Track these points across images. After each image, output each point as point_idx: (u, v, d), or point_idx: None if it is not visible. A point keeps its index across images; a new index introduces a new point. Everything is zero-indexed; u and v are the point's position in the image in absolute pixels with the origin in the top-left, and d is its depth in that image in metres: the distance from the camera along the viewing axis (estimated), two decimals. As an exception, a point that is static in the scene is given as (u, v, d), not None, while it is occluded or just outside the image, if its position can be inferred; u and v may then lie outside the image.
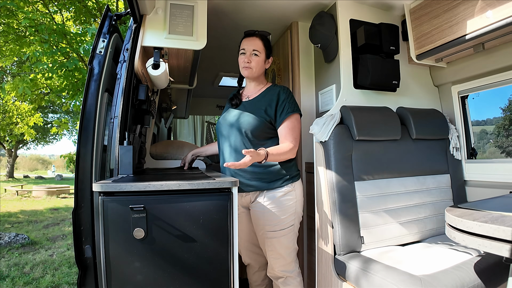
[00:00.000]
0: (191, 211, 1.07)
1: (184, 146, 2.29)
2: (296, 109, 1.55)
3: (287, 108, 1.52)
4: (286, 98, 1.54)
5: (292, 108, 1.53)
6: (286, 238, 1.54)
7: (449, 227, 1.01)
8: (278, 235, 1.52)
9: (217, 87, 3.60)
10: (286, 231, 1.53)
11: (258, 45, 1.58)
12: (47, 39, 3.92)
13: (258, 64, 1.58)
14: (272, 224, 1.52)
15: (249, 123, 1.53)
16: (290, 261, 1.58)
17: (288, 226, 1.53)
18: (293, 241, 1.58)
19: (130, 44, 1.49)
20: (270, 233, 1.53)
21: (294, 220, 1.56)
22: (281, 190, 1.53)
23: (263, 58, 1.60)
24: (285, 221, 1.53)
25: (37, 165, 28.71)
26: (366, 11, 1.83)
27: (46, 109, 13.28)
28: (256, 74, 1.61)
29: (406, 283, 1.12)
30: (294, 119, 1.53)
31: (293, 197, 1.54)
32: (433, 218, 1.68)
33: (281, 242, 1.53)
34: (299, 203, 1.58)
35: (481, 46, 1.54)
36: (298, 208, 1.57)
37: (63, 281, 2.88)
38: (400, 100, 1.89)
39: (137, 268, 1.03)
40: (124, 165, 1.37)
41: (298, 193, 1.57)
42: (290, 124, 1.52)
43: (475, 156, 1.89)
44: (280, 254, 1.55)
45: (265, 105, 1.55)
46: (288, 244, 1.55)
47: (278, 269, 1.58)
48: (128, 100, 1.45)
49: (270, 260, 1.59)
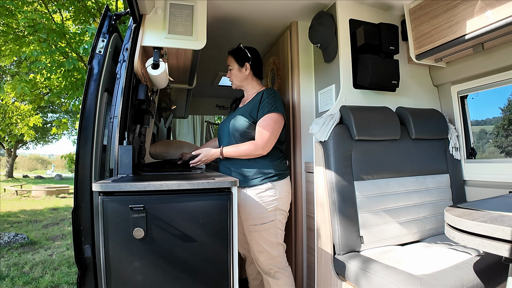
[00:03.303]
0: (191, 211, 1.07)
1: (184, 146, 2.28)
2: (272, 109, 1.62)
3: (264, 108, 1.63)
4: (266, 99, 1.65)
5: (269, 108, 1.62)
6: (268, 233, 1.62)
7: (448, 227, 1.01)
8: (259, 229, 1.61)
9: (217, 87, 3.61)
10: (267, 225, 1.61)
11: (229, 60, 1.81)
12: (45, 38, 3.91)
13: (234, 77, 1.81)
14: (252, 218, 1.61)
15: (234, 126, 1.69)
16: (276, 256, 1.65)
17: (268, 221, 1.61)
18: (276, 236, 1.65)
19: (129, 43, 1.49)
20: (252, 227, 1.63)
21: (276, 216, 1.63)
22: (261, 187, 1.62)
23: (236, 69, 1.79)
24: (265, 216, 1.61)
25: (37, 165, 28.69)
26: (365, 11, 1.83)
27: (46, 109, 13.26)
28: (238, 84, 1.83)
29: (405, 282, 1.12)
30: (268, 118, 1.61)
31: (272, 194, 1.62)
32: (432, 218, 1.68)
33: (262, 236, 1.62)
34: (281, 200, 1.65)
35: (481, 46, 1.54)
36: (280, 205, 1.64)
37: (63, 281, 2.87)
38: (400, 100, 1.90)
39: (137, 267, 1.03)
40: (123, 165, 1.37)
41: (280, 191, 1.64)
42: (263, 123, 1.62)
43: (475, 156, 1.89)
44: (264, 248, 1.63)
45: (251, 108, 1.68)
46: (270, 239, 1.63)
47: (264, 263, 1.65)
48: (128, 100, 1.45)
49: (255, 254, 1.67)
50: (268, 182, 1.62)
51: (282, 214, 1.67)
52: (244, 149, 1.62)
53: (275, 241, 1.65)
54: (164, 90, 2.59)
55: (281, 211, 1.66)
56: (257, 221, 1.61)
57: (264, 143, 1.60)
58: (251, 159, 1.64)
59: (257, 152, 1.61)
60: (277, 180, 1.64)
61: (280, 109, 1.64)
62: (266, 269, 1.66)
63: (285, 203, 1.68)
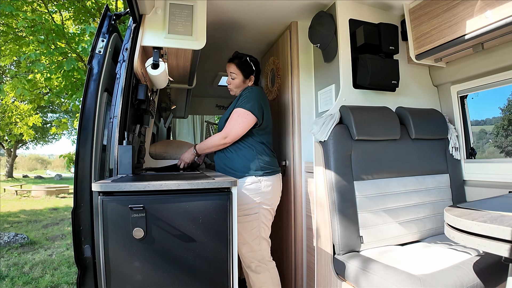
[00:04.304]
0: (191, 211, 1.07)
1: (184, 146, 2.28)
2: (241, 104, 1.68)
3: (237, 104, 1.71)
4: (241, 97, 1.73)
5: (240, 104, 1.69)
6: (250, 225, 1.66)
7: (448, 226, 1.01)
8: (242, 220, 1.65)
9: (216, 86, 3.60)
10: (250, 217, 1.66)
11: (233, 69, 1.84)
12: (43, 39, 3.91)
13: (236, 86, 1.86)
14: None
15: (222, 122, 1.79)
16: (258, 250, 1.68)
17: (251, 213, 1.66)
18: (258, 229, 1.68)
19: (129, 43, 1.49)
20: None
21: (259, 209, 1.68)
22: (246, 180, 1.67)
23: (240, 80, 1.85)
24: (248, 207, 1.65)
25: (36, 164, 28.67)
26: (365, 11, 1.83)
27: (45, 108, 13.26)
28: (237, 92, 1.88)
29: (405, 282, 1.12)
30: (234, 113, 1.69)
31: (256, 187, 1.66)
32: (432, 217, 1.68)
33: (245, 227, 1.66)
34: (265, 195, 1.68)
35: (480, 46, 1.54)
36: (264, 200, 1.68)
37: (63, 281, 2.87)
38: (400, 100, 1.90)
39: (137, 267, 1.03)
40: (123, 164, 1.37)
41: (264, 186, 1.68)
42: (230, 117, 1.70)
43: (474, 156, 1.89)
44: (246, 240, 1.67)
45: (233, 106, 1.75)
46: (252, 231, 1.67)
47: (245, 255, 1.68)
48: (128, 100, 1.45)
49: (238, 246, 1.67)
50: (253, 176, 1.67)
51: (266, 209, 1.70)
52: (211, 140, 1.73)
53: (257, 234, 1.68)
54: (164, 90, 2.59)
55: (266, 206, 1.69)
56: (240, 212, 1.64)
57: (225, 133, 1.67)
58: (237, 153, 1.71)
59: (221, 142, 1.69)
60: (263, 176, 1.68)
61: (247, 106, 1.67)
62: (247, 262, 1.69)
63: (270, 199, 1.71)
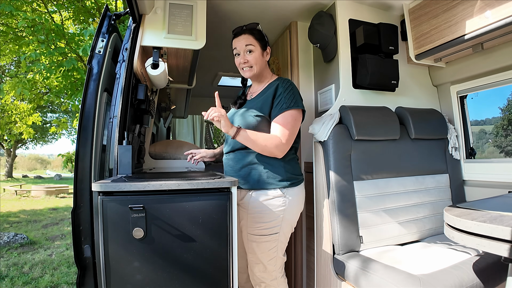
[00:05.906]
0: (191, 211, 1.07)
1: (183, 146, 2.28)
2: (292, 104, 1.39)
3: (282, 104, 1.40)
4: (283, 93, 1.41)
5: (288, 103, 1.39)
6: (268, 245, 1.42)
7: (448, 226, 1.01)
8: (259, 240, 1.42)
9: (216, 86, 3.60)
10: (269, 238, 1.41)
11: (250, 39, 1.46)
12: (43, 39, 3.91)
13: (256, 61, 1.46)
14: (252, 227, 1.43)
15: (246, 122, 1.43)
16: (272, 270, 1.46)
17: (270, 233, 1.41)
18: (277, 250, 1.44)
19: (129, 43, 1.49)
20: (251, 236, 1.44)
21: (280, 228, 1.41)
22: (268, 193, 1.40)
23: (259, 52, 1.47)
24: (267, 227, 1.40)
25: (36, 164, 28.65)
26: (365, 11, 1.83)
27: (45, 108, 13.25)
28: (258, 71, 1.48)
29: (405, 282, 1.12)
30: (288, 115, 1.38)
31: (281, 203, 1.40)
32: (431, 217, 1.68)
33: (261, 248, 1.43)
34: (291, 210, 1.42)
35: (480, 46, 1.55)
36: (288, 216, 1.42)
37: (62, 281, 2.87)
38: (399, 100, 1.90)
39: (136, 267, 1.03)
40: (123, 164, 1.36)
41: (291, 200, 1.41)
42: (282, 120, 1.38)
43: (474, 155, 1.89)
44: (260, 260, 1.45)
45: (262, 102, 1.45)
46: (269, 252, 1.43)
47: (256, 274, 1.49)
48: (127, 100, 1.45)
49: (250, 264, 1.51)
50: (277, 188, 1.40)
51: (288, 226, 1.45)
52: (265, 138, 1.35)
53: (275, 255, 1.45)
54: (163, 90, 2.59)
55: (288, 222, 1.44)
56: (258, 232, 1.42)
57: (287, 141, 1.37)
58: (260, 158, 1.42)
59: (276, 150, 1.36)
60: (289, 187, 1.42)
61: (300, 104, 1.42)
62: (257, 280, 1.51)
63: (295, 214, 1.46)
